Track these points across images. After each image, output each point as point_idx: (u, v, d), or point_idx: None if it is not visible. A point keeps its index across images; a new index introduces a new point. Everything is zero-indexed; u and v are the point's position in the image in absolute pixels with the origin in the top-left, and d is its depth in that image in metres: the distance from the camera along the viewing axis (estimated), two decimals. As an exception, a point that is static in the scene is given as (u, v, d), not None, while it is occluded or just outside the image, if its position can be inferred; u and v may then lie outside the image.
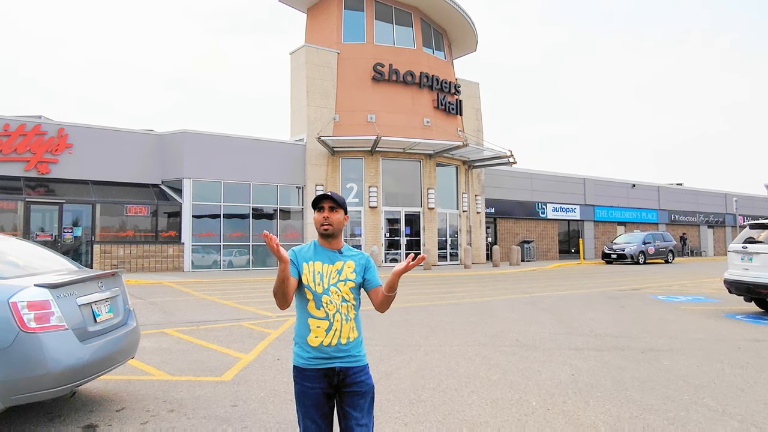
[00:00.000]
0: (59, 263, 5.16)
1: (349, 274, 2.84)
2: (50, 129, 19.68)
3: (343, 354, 2.77)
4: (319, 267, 2.81)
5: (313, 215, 2.88)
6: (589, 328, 8.99)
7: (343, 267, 2.84)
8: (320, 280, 2.78)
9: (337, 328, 2.77)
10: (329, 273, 2.81)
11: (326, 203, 2.85)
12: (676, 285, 17.16)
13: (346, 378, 2.77)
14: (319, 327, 2.76)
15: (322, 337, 2.75)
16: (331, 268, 2.82)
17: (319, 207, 2.85)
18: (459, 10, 26.97)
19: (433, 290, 15.14)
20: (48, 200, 19.12)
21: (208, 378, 5.82)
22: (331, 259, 2.85)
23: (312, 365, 2.76)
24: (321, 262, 2.82)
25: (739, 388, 5.53)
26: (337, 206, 2.86)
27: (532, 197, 33.22)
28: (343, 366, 2.77)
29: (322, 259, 2.84)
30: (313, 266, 2.81)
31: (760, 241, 10.33)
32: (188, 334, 8.27)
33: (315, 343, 2.75)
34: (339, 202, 2.86)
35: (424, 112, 25.49)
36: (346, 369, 2.77)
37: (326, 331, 2.76)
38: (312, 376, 2.76)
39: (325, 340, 2.75)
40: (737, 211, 38.06)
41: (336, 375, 2.76)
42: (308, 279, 2.78)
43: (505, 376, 5.93)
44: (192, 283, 16.54)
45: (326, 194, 2.86)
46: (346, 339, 2.78)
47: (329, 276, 2.80)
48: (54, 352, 4.01)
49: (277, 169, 23.39)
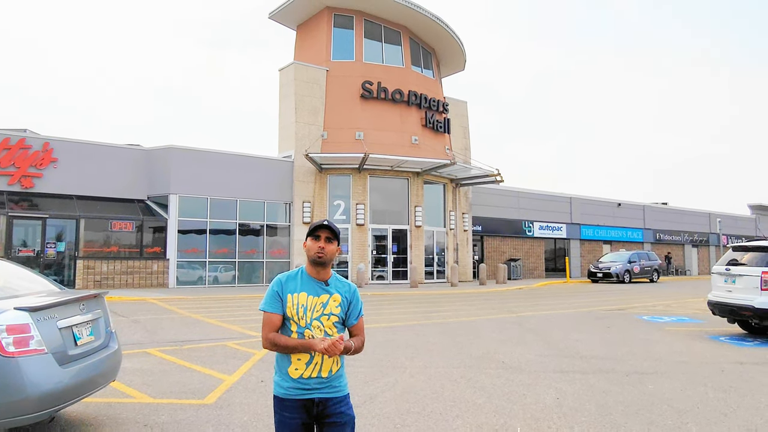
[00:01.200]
0: (41, 284, 5.10)
1: (333, 308, 2.80)
2: (35, 143, 19.52)
3: (323, 385, 2.75)
4: (303, 299, 2.76)
5: (307, 241, 2.82)
6: (575, 349, 9.01)
7: (328, 300, 2.79)
8: (303, 313, 2.74)
9: (318, 362, 2.74)
10: (313, 306, 2.76)
11: (323, 233, 2.80)
12: (661, 305, 17.27)
13: (325, 409, 2.75)
14: (299, 360, 2.73)
15: (302, 370, 2.73)
16: (315, 301, 2.77)
17: (316, 235, 2.80)
18: (448, 30, 27.26)
19: (419, 309, 15.11)
20: (31, 215, 18.91)
21: (191, 401, 5.75)
22: (316, 291, 2.79)
23: (291, 395, 2.73)
24: (306, 294, 2.77)
25: (722, 412, 5.56)
26: (334, 237, 2.82)
27: (519, 215, 33.39)
28: (322, 397, 2.74)
29: (307, 290, 2.79)
30: (297, 298, 2.76)
31: (743, 263, 10.45)
32: (171, 354, 8.17)
33: (295, 375, 2.73)
34: (336, 234, 2.83)
35: (412, 130, 25.63)
36: (325, 400, 2.75)
37: (306, 365, 2.73)
38: (291, 406, 2.73)
39: (305, 373, 2.73)
40: (721, 231, 38.51)
41: (315, 406, 2.74)
42: (291, 311, 2.74)
43: (491, 400, 5.91)
44: (176, 300, 16.37)
45: (325, 224, 2.82)
46: (327, 372, 2.76)
47: (313, 309, 2.76)
48: (33, 377, 3.94)
49: (264, 186, 23.33)
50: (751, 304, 9.78)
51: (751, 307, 9.77)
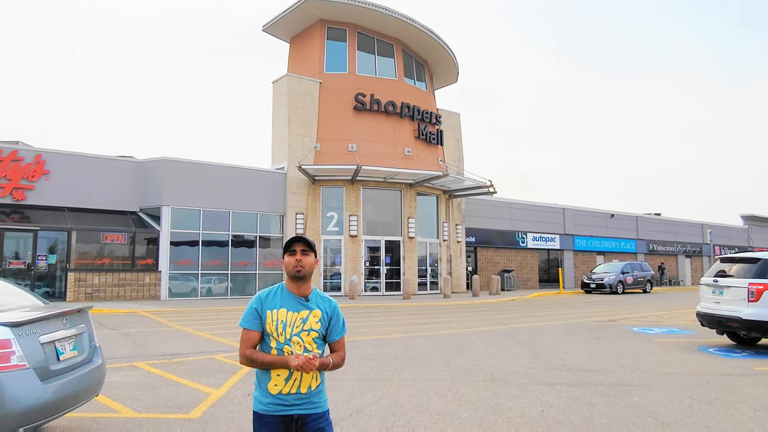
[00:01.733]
0: (24, 299, 5.10)
1: (314, 324, 2.81)
2: (27, 155, 19.52)
3: (302, 401, 2.77)
4: (282, 315, 2.77)
5: (284, 258, 2.84)
6: (563, 361, 9.03)
7: (308, 316, 2.81)
8: (283, 329, 2.76)
9: (297, 378, 2.75)
10: (293, 322, 2.78)
11: (298, 246, 2.83)
12: (653, 316, 17.32)
13: (304, 425, 2.76)
14: (279, 375, 2.75)
15: (281, 386, 2.75)
16: (295, 316, 2.79)
17: (291, 250, 2.83)
18: (440, 42, 27.46)
19: (410, 321, 15.11)
20: (22, 227, 18.87)
21: (176, 415, 5.74)
22: (296, 307, 2.81)
23: (270, 411, 2.75)
24: (286, 310, 2.79)
25: (705, 425, 5.59)
26: (309, 249, 2.84)
27: (512, 226, 33.49)
28: (301, 413, 2.76)
29: (287, 306, 2.80)
30: (277, 315, 2.77)
31: (730, 275, 10.51)
32: (159, 368, 8.15)
33: (275, 391, 2.75)
34: (311, 245, 2.86)
35: (405, 142, 25.73)
36: (305, 416, 2.77)
37: (285, 380, 2.75)
38: (270, 422, 2.75)
39: (284, 389, 2.75)
40: (712, 242, 38.69)
41: (294, 422, 2.75)
42: (271, 328, 2.76)
43: (476, 413, 5.93)
44: (168, 313, 16.32)
45: (298, 237, 2.87)
46: (306, 388, 2.78)
47: (293, 325, 2.77)
48: (14, 392, 3.94)
49: (257, 197, 23.35)
50: (738, 315, 9.83)
51: (738, 318, 9.82)
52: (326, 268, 24.16)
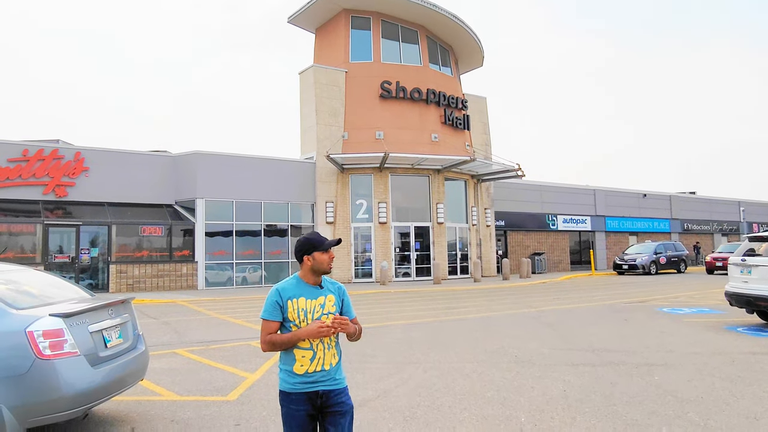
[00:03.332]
0: (72, 291, 5.50)
1: (330, 307, 3.17)
2: (67, 153, 20.29)
3: (326, 378, 3.10)
4: (302, 303, 3.09)
5: (315, 255, 3.15)
6: (588, 342, 9.17)
7: (325, 301, 3.16)
8: (304, 316, 3.08)
9: (321, 357, 3.09)
10: (313, 308, 3.11)
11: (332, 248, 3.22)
12: (684, 296, 17.21)
13: (328, 399, 3.09)
14: (304, 357, 3.08)
15: (306, 366, 3.07)
16: (314, 303, 3.12)
17: (326, 249, 3.18)
18: (465, 27, 27.36)
19: (440, 305, 15.35)
20: (65, 222, 19.67)
21: (214, 398, 6.12)
22: (313, 294, 3.14)
23: (297, 389, 3.07)
24: (305, 298, 3.11)
25: (725, 402, 5.71)
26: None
27: (542, 209, 33.31)
28: (325, 389, 3.09)
29: (305, 294, 3.13)
30: (297, 303, 3.09)
31: (759, 254, 10.46)
32: (198, 354, 8.58)
33: (300, 371, 3.07)
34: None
35: (431, 128, 25.83)
36: (328, 392, 3.10)
37: (311, 360, 3.08)
38: (297, 399, 3.06)
39: (309, 368, 3.08)
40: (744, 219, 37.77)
41: (319, 398, 3.08)
42: (293, 316, 3.08)
43: (499, 393, 6.16)
44: (205, 302, 16.91)
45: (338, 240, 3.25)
46: (329, 365, 3.12)
47: (313, 311, 3.10)
48: (67, 377, 4.33)
49: (288, 187, 23.81)
50: (766, 294, 9.80)
51: (767, 297, 9.80)
52: (357, 255, 24.53)
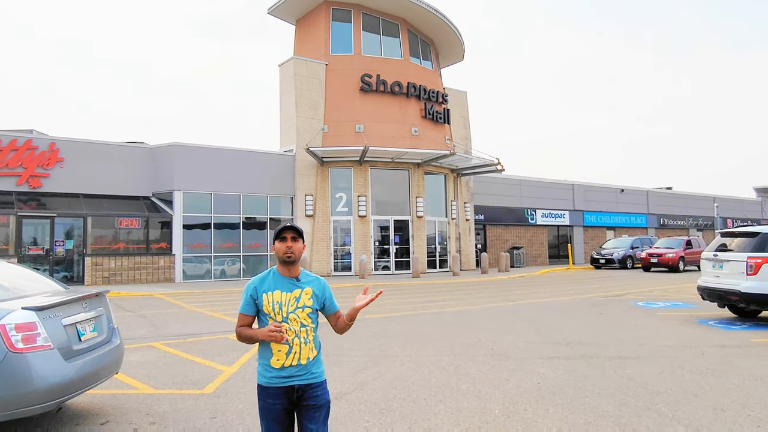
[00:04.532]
0: (46, 284, 5.44)
1: (306, 300, 3.13)
2: (41, 143, 19.93)
3: (303, 372, 3.09)
4: (277, 296, 3.09)
5: (275, 244, 3.15)
6: (564, 336, 9.31)
7: (300, 294, 3.13)
8: (279, 309, 3.07)
9: (297, 351, 3.08)
10: (287, 301, 3.09)
11: (289, 234, 3.15)
12: (659, 290, 17.52)
13: (304, 393, 3.09)
14: (280, 351, 3.07)
15: (282, 360, 3.07)
16: (289, 296, 3.10)
17: (282, 237, 3.14)
18: (446, 21, 27.38)
19: (418, 299, 15.43)
20: (40, 214, 19.35)
21: (191, 391, 6.10)
22: (289, 287, 3.12)
23: (273, 383, 3.07)
24: (280, 291, 3.10)
25: (693, 393, 5.85)
26: (298, 236, 3.18)
27: (521, 203, 33.59)
28: (301, 383, 3.09)
29: (280, 287, 3.12)
30: (272, 296, 3.09)
31: (730, 249, 10.69)
32: (174, 348, 8.54)
33: (277, 365, 3.07)
34: (300, 233, 3.19)
35: (412, 122, 25.86)
36: (304, 386, 3.09)
37: (286, 354, 3.07)
38: (273, 393, 3.07)
39: (285, 362, 3.07)
40: (718, 215, 38.53)
41: (295, 392, 3.08)
42: (268, 309, 3.08)
43: (474, 386, 6.23)
44: (182, 295, 16.78)
45: (288, 225, 3.19)
46: (306, 359, 3.10)
47: (288, 304, 3.09)
48: (40, 371, 4.28)
49: (267, 180, 23.68)
50: (737, 289, 10.03)
51: (737, 291, 10.03)
52: (336, 248, 24.52)
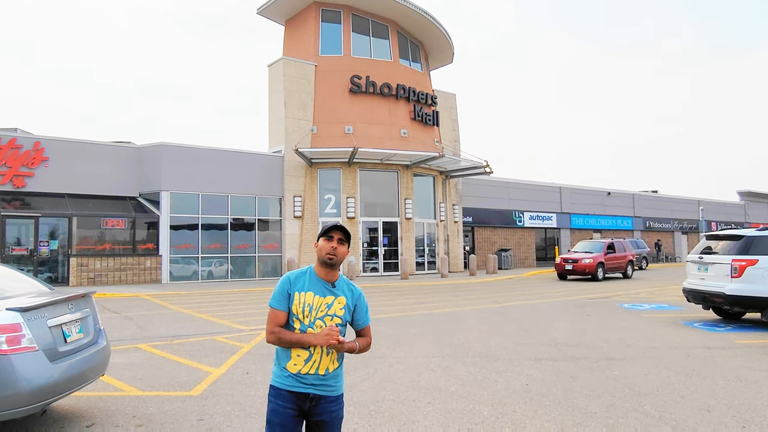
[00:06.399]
0: (31, 285, 5.37)
1: (338, 310, 2.90)
2: (26, 142, 19.69)
3: (320, 383, 2.87)
4: (309, 298, 2.86)
5: (320, 241, 2.92)
6: (551, 338, 9.35)
7: (333, 302, 2.90)
8: (309, 312, 2.85)
9: (316, 360, 2.85)
10: (318, 306, 2.87)
11: (336, 234, 2.91)
12: (645, 292, 17.66)
13: (317, 406, 2.86)
14: (299, 356, 2.85)
15: (300, 366, 2.85)
16: (321, 301, 2.88)
17: (329, 236, 2.90)
18: (435, 23, 27.44)
19: (407, 300, 15.44)
20: (24, 214, 19.11)
21: (178, 393, 6.05)
22: (323, 292, 2.90)
23: (287, 386, 2.86)
24: (313, 293, 2.88)
25: (679, 395, 5.90)
26: (345, 240, 2.94)
27: (509, 206, 33.72)
28: (317, 393, 2.86)
29: (314, 290, 2.89)
30: (304, 297, 2.86)
31: (715, 251, 10.80)
32: (161, 349, 8.46)
33: (293, 370, 2.86)
34: (348, 237, 2.95)
35: (401, 124, 25.88)
36: (319, 397, 2.86)
37: (305, 361, 2.85)
38: (285, 396, 2.85)
39: (303, 369, 2.85)
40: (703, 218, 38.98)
41: (309, 401, 2.85)
42: (297, 309, 2.86)
43: (463, 387, 6.24)
44: (169, 296, 16.66)
45: (338, 225, 2.93)
46: (324, 370, 2.87)
47: (318, 309, 2.86)
48: (25, 373, 4.23)
49: (255, 181, 23.57)
50: (722, 291, 10.14)
51: (722, 294, 10.14)
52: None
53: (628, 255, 25.47)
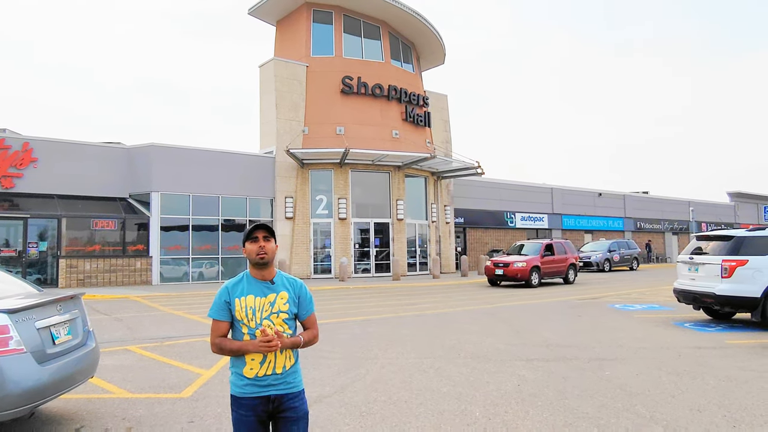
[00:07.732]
0: (19, 286, 5.31)
1: (281, 305, 2.91)
2: (14, 143, 19.51)
3: (278, 381, 2.88)
4: (251, 301, 2.87)
5: (246, 246, 2.91)
6: (543, 338, 9.36)
7: (275, 299, 2.90)
8: (252, 315, 2.85)
9: (271, 360, 2.86)
10: (261, 306, 2.87)
11: (260, 233, 2.91)
12: (636, 293, 17.74)
13: (280, 404, 2.87)
14: (253, 360, 2.85)
15: (256, 369, 2.85)
16: (263, 301, 2.88)
17: (253, 237, 2.91)
18: (427, 25, 27.47)
19: (399, 301, 15.42)
20: (12, 215, 18.94)
21: (168, 395, 6.00)
22: (263, 292, 2.90)
23: (247, 393, 2.85)
24: (253, 296, 2.88)
25: (670, 394, 5.91)
26: (270, 236, 2.94)
27: (501, 207, 33.81)
28: (277, 393, 2.87)
29: (254, 292, 2.89)
30: (245, 301, 2.87)
31: (705, 252, 10.86)
32: (151, 351, 8.40)
33: (250, 374, 2.85)
34: (272, 232, 2.96)
35: (392, 125, 25.87)
36: (280, 396, 2.87)
37: (260, 364, 2.85)
38: (247, 404, 2.85)
39: (260, 372, 2.85)
40: (694, 219, 39.27)
41: (271, 402, 2.86)
42: (241, 315, 2.86)
43: (455, 388, 6.22)
44: (159, 297, 16.55)
45: (259, 225, 2.94)
46: (281, 368, 2.88)
47: (261, 309, 2.87)
48: (13, 375, 4.17)
49: (246, 182, 23.48)
50: (712, 291, 10.19)
51: (712, 294, 10.19)
52: (317, 250, 24.41)
53: (570, 258, 22.74)
